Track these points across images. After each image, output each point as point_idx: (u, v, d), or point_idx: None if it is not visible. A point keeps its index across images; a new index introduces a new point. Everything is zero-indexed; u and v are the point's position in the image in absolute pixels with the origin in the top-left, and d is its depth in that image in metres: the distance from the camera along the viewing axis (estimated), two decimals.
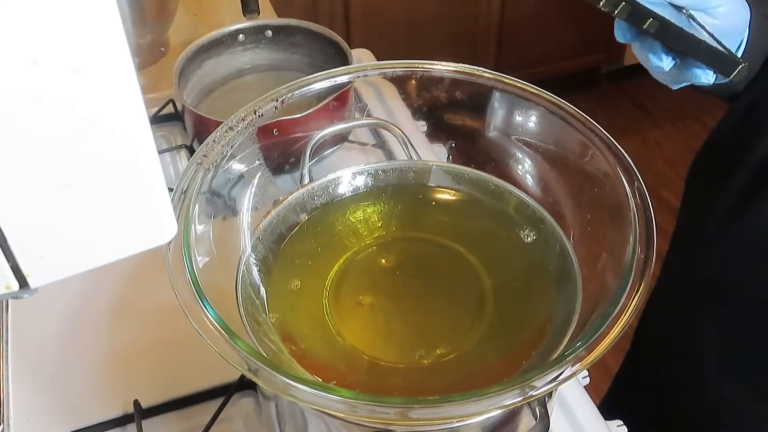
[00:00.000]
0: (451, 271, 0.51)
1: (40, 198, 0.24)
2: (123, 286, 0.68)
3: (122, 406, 0.59)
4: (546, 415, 0.41)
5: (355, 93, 0.77)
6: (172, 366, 0.61)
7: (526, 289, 0.50)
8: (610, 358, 0.41)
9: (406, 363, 0.46)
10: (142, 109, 0.25)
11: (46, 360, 0.63)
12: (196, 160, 0.49)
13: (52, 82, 0.22)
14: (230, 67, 0.85)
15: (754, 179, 0.63)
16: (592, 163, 0.49)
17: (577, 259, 0.50)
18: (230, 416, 0.58)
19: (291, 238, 0.53)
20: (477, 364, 0.46)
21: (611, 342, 0.38)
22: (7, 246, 0.24)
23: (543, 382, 0.37)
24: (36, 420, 0.58)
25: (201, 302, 0.41)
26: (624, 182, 0.46)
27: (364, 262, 0.51)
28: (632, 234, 0.44)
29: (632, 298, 0.40)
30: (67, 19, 0.22)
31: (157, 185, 0.27)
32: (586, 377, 0.62)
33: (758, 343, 0.67)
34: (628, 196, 0.46)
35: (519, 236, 0.53)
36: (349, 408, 0.37)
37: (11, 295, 0.26)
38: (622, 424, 0.58)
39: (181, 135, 0.85)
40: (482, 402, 0.37)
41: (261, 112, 0.52)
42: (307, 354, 0.46)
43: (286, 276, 0.51)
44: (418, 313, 0.49)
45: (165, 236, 0.28)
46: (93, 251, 0.27)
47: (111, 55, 0.23)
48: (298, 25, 0.85)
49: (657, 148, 2.00)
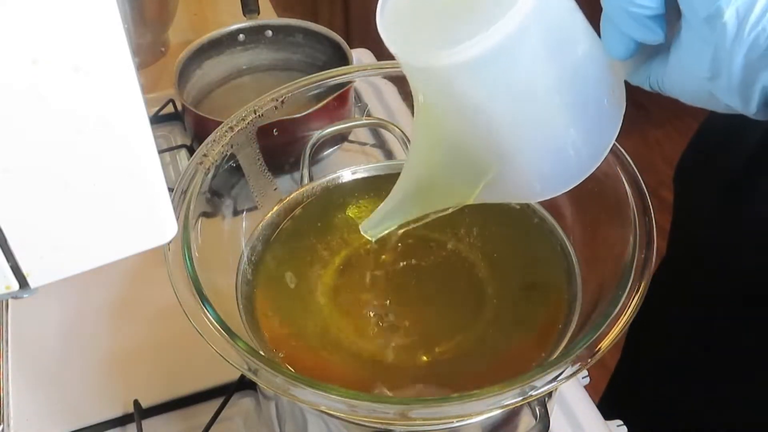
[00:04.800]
0: (451, 270, 0.51)
1: (40, 198, 0.24)
2: (123, 286, 0.68)
3: (122, 406, 0.59)
4: (546, 415, 0.41)
5: (355, 93, 0.77)
6: (172, 366, 0.61)
7: (526, 288, 0.50)
8: (609, 358, 0.41)
9: (405, 362, 0.46)
10: (142, 109, 0.25)
11: (46, 360, 0.63)
12: (196, 160, 0.49)
13: (52, 81, 0.22)
14: (230, 67, 0.85)
15: (748, 167, 0.63)
16: None
17: (577, 259, 0.50)
18: (230, 416, 0.58)
19: (290, 238, 0.53)
20: (477, 363, 0.46)
21: (611, 342, 0.38)
22: (7, 246, 0.24)
23: (543, 382, 0.37)
24: (36, 420, 0.58)
25: (201, 302, 0.41)
26: (624, 182, 0.46)
27: (363, 261, 0.51)
28: (632, 234, 0.44)
29: (632, 298, 0.40)
30: (67, 18, 0.22)
31: (157, 185, 0.27)
32: (586, 377, 0.62)
33: (757, 341, 0.67)
34: (628, 196, 0.46)
35: (519, 236, 0.53)
36: (349, 408, 0.37)
37: (11, 295, 0.26)
38: (622, 424, 0.58)
39: (181, 135, 0.85)
40: (482, 402, 0.37)
41: (261, 112, 0.52)
42: (305, 352, 0.46)
43: (285, 275, 0.51)
44: (418, 312, 0.49)
45: (165, 236, 0.28)
46: (93, 251, 0.27)
47: (111, 54, 0.23)
48: (298, 25, 0.85)
49: (657, 147, 2.00)
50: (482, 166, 0.39)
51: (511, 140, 0.38)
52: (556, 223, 0.52)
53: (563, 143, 0.38)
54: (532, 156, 0.38)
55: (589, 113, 0.38)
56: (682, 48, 0.34)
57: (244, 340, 0.39)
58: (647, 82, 0.37)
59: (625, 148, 0.47)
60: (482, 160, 0.39)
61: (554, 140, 0.38)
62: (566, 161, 0.39)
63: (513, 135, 0.38)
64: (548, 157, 0.38)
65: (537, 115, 0.37)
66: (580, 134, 0.38)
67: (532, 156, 0.38)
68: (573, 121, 0.37)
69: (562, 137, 0.38)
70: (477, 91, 0.36)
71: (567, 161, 0.39)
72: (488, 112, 0.36)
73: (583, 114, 0.37)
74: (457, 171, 0.41)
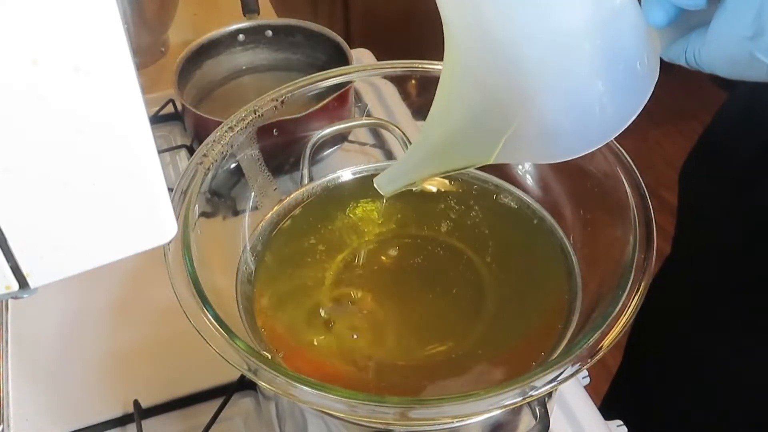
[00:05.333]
0: (451, 270, 0.51)
1: (40, 198, 0.24)
2: (123, 286, 0.68)
3: (122, 406, 0.59)
4: (546, 415, 0.41)
5: (355, 93, 0.77)
6: (172, 366, 0.61)
7: (527, 288, 0.50)
8: (610, 358, 0.41)
9: (406, 361, 0.46)
10: (142, 109, 0.25)
11: (46, 360, 0.63)
12: (196, 160, 0.49)
13: (52, 81, 0.22)
14: (230, 67, 0.85)
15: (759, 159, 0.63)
16: (592, 163, 0.49)
17: (577, 259, 0.50)
18: (230, 416, 0.58)
19: (290, 238, 0.53)
20: (478, 362, 0.46)
21: (611, 342, 0.38)
22: (7, 246, 0.24)
23: (543, 382, 0.37)
24: (36, 420, 0.58)
25: (201, 302, 0.41)
26: (624, 182, 0.46)
27: (363, 260, 0.51)
28: (632, 234, 0.44)
29: (632, 298, 0.40)
30: (67, 18, 0.22)
31: (157, 185, 0.27)
32: (586, 377, 0.62)
33: (759, 341, 0.67)
34: (628, 196, 0.46)
35: (519, 235, 0.53)
36: (349, 408, 0.37)
37: (11, 295, 0.26)
38: (622, 424, 0.58)
39: (181, 135, 0.85)
40: (482, 402, 0.37)
41: (261, 112, 0.52)
42: (305, 352, 0.46)
43: (285, 275, 0.51)
44: (419, 312, 0.49)
45: (165, 236, 0.28)
46: (93, 251, 0.27)
47: (111, 54, 0.23)
48: (298, 25, 0.85)
49: (657, 147, 2.00)
50: (505, 116, 0.38)
51: (537, 84, 0.37)
52: (556, 223, 0.52)
53: (589, 96, 0.37)
54: (556, 105, 0.37)
55: (619, 71, 0.37)
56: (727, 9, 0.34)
57: (244, 340, 0.39)
58: (683, 55, 0.37)
59: (625, 148, 0.47)
60: (506, 107, 0.38)
61: (581, 90, 0.37)
62: (590, 118, 0.38)
63: (539, 77, 0.36)
64: (572, 110, 0.37)
65: (566, 58, 0.36)
66: (608, 90, 0.37)
67: (556, 105, 0.37)
68: (601, 73, 0.36)
69: (589, 88, 0.37)
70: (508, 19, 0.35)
71: (590, 118, 0.38)
72: (516, 47, 0.36)
73: (613, 69, 0.36)
74: (480, 122, 0.40)
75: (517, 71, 0.36)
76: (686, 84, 2.01)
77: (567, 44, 0.35)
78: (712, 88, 1.73)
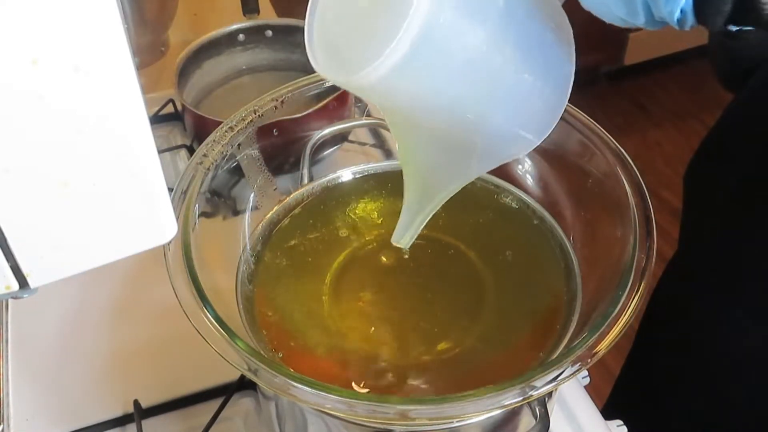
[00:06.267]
0: (452, 269, 0.51)
1: (40, 198, 0.24)
2: (123, 286, 0.68)
3: (122, 406, 0.59)
4: (546, 415, 0.41)
5: None
6: (172, 366, 0.61)
7: (527, 288, 0.50)
8: (610, 358, 0.41)
9: (406, 360, 0.46)
10: (142, 109, 0.25)
11: (46, 360, 0.63)
12: (196, 160, 0.49)
13: (52, 81, 0.22)
14: (230, 67, 0.85)
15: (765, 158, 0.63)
16: (592, 163, 0.49)
17: (577, 259, 0.50)
18: (230, 416, 0.58)
19: (291, 238, 0.53)
20: (478, 362, 0.46)
21: (611, 342, 0.38)
22: (7, 246, 0.24)
23: (543, 382, 0.37)
24: (36, 420, 0.58)
25: (201, 302, 0.41)
26: (624, 182, 0.46)
27: (363, 259, 0.51)
28: (632, 234, 0.44)
29: (632, 298, 0.40)
30: (67, 18, 0.22)
31: (157, 185, 0.27)
32: (586, 377, 0.62)
33: (758, 342, 0.67)
34: (628, 196, 0.46)
35: (519, 235, 0.53)
36: (349, 408, 0.37)
37: (11, 295, 0.26)
38: (622, 424, 0.58)
39: (181, 135, 0.85)
40: (482, 402, 0.37)
41: (261, 112, 0.52)
42: (305, 352, 0.46)
43: (285, 275, 0.51)
44: (418, 313, 0.49)
45: (165, 236, 0.28)
46: (93, 251, 0.27)
47: (111, 54, 0.23)
48: (298, 25, 0.84)
49: (657, 148, 2.00)
50: (466, 142, 0.40)
51: (477, 109, 0.38)
52: (556, 223, 0.52)
53: (525, 91, 0.38)
54: (504, 114, 0.39)
55: (535, 53, 0.38)
56: None
57: (244, 340, 0.39)
58: None
59: (625, 148, 0.47)
60: (462, 136, 0.39)
61: (515, 92, 0.38)
62: (537, 104, 0.39)
63: (476, 104, 0.38)
64: (519, 109, 0.39)
65: (486, 78, 0.37)
66: (538, 76, 0.38)
67: (503, 114, 0.39)
68: (523, 68, 0.37)
69: (521, 86, 0.38)
70: (417, 84, 0.35)
71: (538, 104, 0.39)
72: (441, 95, 0.36)
73: (530, 56, 0.37)
74: (447, 156, 0.41)
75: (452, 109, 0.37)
76: (686, 84, 2.01)
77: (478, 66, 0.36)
78: (712, 88, 1.73)
